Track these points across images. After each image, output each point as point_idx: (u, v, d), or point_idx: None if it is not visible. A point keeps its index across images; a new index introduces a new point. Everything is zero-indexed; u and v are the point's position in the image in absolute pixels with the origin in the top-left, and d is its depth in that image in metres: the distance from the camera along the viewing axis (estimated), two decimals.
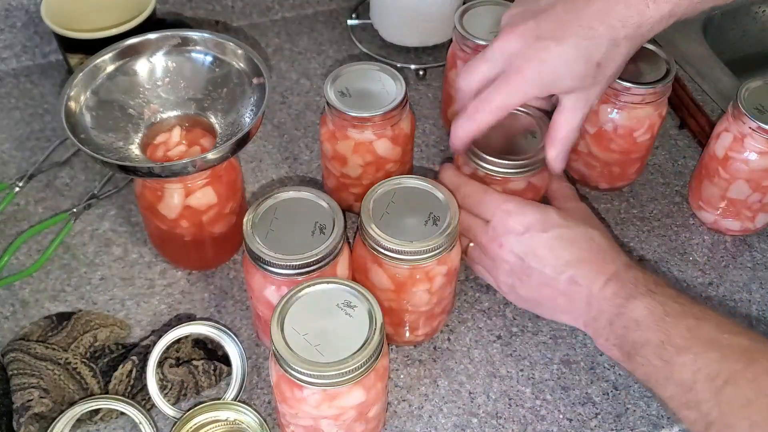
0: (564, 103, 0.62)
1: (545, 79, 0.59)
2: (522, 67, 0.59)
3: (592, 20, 0.57)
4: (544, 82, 0.60)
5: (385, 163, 0.73)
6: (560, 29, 0.58)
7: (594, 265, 0.60)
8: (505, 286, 0.65)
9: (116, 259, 0.75)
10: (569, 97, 0.61)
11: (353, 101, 0.70)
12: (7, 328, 0.69)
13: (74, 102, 0.66)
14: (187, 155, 0.68)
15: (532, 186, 0.68)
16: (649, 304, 0.56)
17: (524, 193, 0.68)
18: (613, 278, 0.59)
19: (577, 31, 0.57)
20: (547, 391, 0.66)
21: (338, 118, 0.70)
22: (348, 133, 0.71)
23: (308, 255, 0.59)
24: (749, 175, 0.72)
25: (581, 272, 0.60)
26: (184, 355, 0.66)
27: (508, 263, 0.63)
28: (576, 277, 0.60)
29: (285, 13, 1.02)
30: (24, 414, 0.60)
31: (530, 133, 0.69)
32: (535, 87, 0.60)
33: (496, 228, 0.63)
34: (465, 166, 0.69)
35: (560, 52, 0.58)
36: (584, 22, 0.57)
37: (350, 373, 0.52)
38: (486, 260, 0.65)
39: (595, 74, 0.59)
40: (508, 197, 0.64)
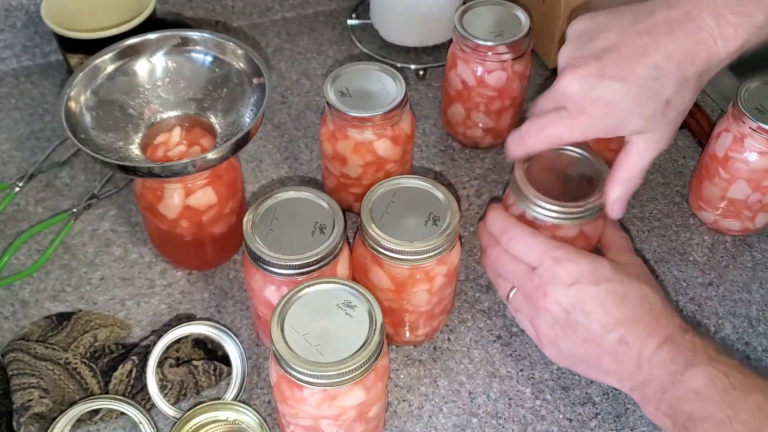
0: (633, 143, 0.59)
1: (611, 120, 0.57)
2: (586, 108, 0.56)
3: (660, 59, 0.55)
4: (609, 124, 0.57)
5: (385, 163, 0.73)
6: (626, 69, 0.55)
7: (647, 326, 0.55)
8: (546, 339, 0.60)
9: (116, 259, 0.75)
10: (639, 137, 0.58)
11: (353, 101, 0.70)
12: (7, 328, 0.69)
13: (74, 102, 0.66)
14: (187, 155, 0.68)
15: (584, 235, 0.64)
16: (711, 374, 0.52)
17: (575, 242, 0.63)
18: (667, 342, 0.54)
19: (645, 71, 0.55)
20: (547, 391, 0.66)
21: (338, 118, 0.70)
22: (348, 133, 0.71)
23: (308, 255, 0.58)
24: (749, 175, 0.72)
25: (632, 332, 0.55)
26: (184, 355, 0.66)
27: (551, 314, 0.58)
28: (626, 337, 0.55)
29: (285, 13, 1.02)
30: (24, 414, 0.60)
31: (587, 179, 0.64)
32: (599, 128, 0.57)
33: (543, 276, 0.58)
34: (513, 206, 0.65)
35: (627, 92, 0.55)
36: (651, 60, 0.54)
37: (350, 373, 0.52)
38: (528, 308, 0.61)
39: (664, 113, 0.56)
40: (557, 243, 0.59)
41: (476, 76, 0.79)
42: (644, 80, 0.55)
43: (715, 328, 0.71)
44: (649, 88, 0.55)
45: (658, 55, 0.55)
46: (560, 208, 0.62)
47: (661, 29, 0.55)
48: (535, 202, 0.62)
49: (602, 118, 0.56)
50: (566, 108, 0.58)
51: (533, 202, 0.62)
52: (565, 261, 0.58)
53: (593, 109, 0.56)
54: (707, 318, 0.72)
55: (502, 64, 0.78)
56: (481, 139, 0.84)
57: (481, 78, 0.79)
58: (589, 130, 0.58)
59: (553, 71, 0.95)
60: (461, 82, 0.80)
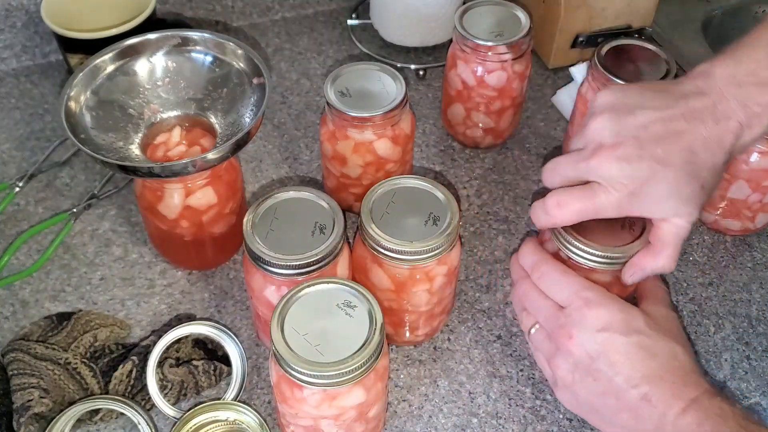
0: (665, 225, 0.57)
1: (646, 200, 0.55)
2: (622, 186, 0.54)
3: (696, 144, 0.54)
4: (643, 204, 0.55)
5: (385, 163, 0.73)
6: (665, 151, 0.54)
7: (673, 387, 0.53)
8: (562, 382, 0.57)
9: (116, 259, 0.75)
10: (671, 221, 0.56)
11: (353, 101, 0.70)
12: (7, 328, 0.69)
13: (74, 102, 0.66)
14: (187, 155, 0.68)
15: (619, 281, 0.60)
16: None
17: (610, 288, 0.59)
18: (693, 405, 0.52)
19: (682, 155, 0.54)
20: (547, 391, 0.66)
21: (338, 118, 0.70)
22: (348, 133, 0.71)
23: (308, 255, 0.58)
24: (749, 175, 0.72)
25: (657, 391, 0.53)
26: (184, 355, 0.66)
27: (573, 357, 0.56)
28: (650, 395, 0.53)
29: (285, 13, 1.02)
30: (24, 414, 0.60)
31: (630, 222, 0.60)
32: (632, 207, 0.55)
33: (571, 316, 0.56)
34: (549, 242, 0.62)
35: (666, 174, 0.54)
36: (687, 145, 0.54)
37: (350, 373, 0.52)
38: (549, 347, 0.58)
39: (700, 196, 0.55)
40: (590, 285, 0.57)
41: (476, 76, 0.79)
42: (682, 163, 0.54)
43: (715, 328, 0.71)
44: (685, 172, 0.54)
45: (694, 140, 0.54)
46: (598, 252, 0.59)
47: (696, 116, 0.55)
48: (571, 243, 0.59)
49: (636, 197, 0.55)
50: (599, 183, 0.55)
51: (569, 242, 0.59)
52: (596, 305, 0.55)
53: (628, 188, 0.55)
54: (707, 318, 0.72)
55: (502, 64, 0.78)
56: (481, 139, 0.84)
57: (481, 78, 0.79)
58: (622, 208, 0.55)
59: (553, 71, 0.95)
60: (461, 82, 0.80)
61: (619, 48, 0.76)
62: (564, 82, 0.92)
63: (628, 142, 0.55)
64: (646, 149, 0.54)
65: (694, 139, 0.54)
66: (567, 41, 0.91)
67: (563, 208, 0.57)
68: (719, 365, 0.68)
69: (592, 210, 0.56)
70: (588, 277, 0.59)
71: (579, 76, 0.85)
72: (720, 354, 0.69)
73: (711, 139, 0.54)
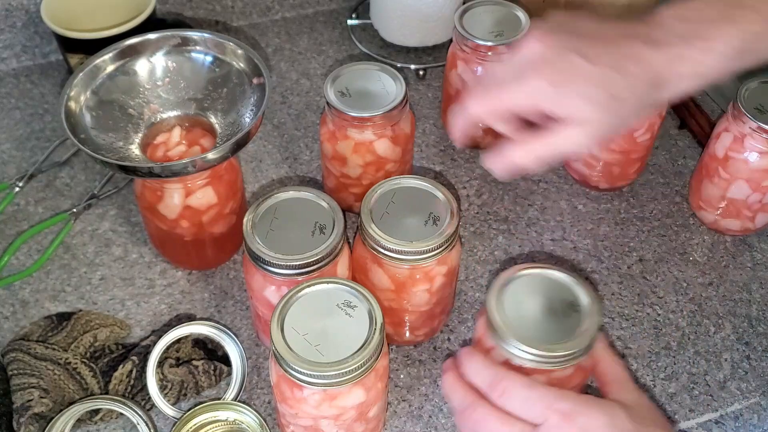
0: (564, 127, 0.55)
1: (564, 92, 0.54)
2: (542, 71, 0.54)
3: (626, 57, 0.54)
4: (560, 95, 0.54)
5: (385, 163, 0.73)
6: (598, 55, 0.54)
7: None
8: None
9: (116, 259, 0.75)
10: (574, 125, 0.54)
11: (353, 101, 0.70)
12: (7, 328, 0.69)
13: (74, 102, 0.66)
14: (187, 155, 0.68)
15: (580, 369, 0.56)
16: None
17: (571, 380, 0.55)
18: None
19: (609, 61, 0.53)
20: None
21: (338, 118, 0.70)
22: (348, 133, 0.71)
23: (308, 255, 0.58)
24: (749, 175, 0.72)
25: None
26: (184, 355, 0.66)
27: None
28: None
29: (285, 13, 1.02)
30: (24, 414, 0.60)
31: (572, 305, 0.56)
32: (547, 95, 0.54)
33: None
34: (495, 351, 0.55)
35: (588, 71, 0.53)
36: (619, 54, 0.54)
37: (350, 373, 0.52)
38: None
39: (608, 107, 0.54)
40: (562, 394, 0.51)
41: (476, 76, 0.79)
42: (605, 70, 0.53)
43: (715, 328, 0.71)
44: (606, 78, 0.53)
45: (628, 55, 0.54)
46: (558, 353, 0.53)
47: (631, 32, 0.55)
48: (523, 349, 0.53)
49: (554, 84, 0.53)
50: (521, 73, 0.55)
51: (521, 349, 0.53)
52: (576, 414, 0.50)
53: (548, 73, 0.54)
54: (707, 318, 0.72)
55: None
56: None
57: (481, 78, 0.79)
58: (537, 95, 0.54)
59: None
60: (461, 82, 0.80)
61: None
62: None
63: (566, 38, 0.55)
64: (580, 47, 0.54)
65: (628, 55, 0.54)
66: None
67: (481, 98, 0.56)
68: (719, 365, 0.68)
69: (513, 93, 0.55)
70: (549, 377, 0.54)
71: None
72: (720, 354, 0.69)
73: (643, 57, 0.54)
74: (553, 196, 0.81)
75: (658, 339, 0.70)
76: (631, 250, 0.77)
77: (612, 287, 0.74)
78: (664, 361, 0.69)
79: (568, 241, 0.77)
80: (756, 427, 0.66)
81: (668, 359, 0.69)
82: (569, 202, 0.81)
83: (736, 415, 0.66)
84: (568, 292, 0.56)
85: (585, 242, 0.77)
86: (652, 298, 0.73)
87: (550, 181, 0.83)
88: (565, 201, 0.81)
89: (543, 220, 0.79)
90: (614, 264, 0.76)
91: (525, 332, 0.53)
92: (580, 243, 0.77)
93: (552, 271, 0.57)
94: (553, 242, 0.77)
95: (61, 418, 0.60)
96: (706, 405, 0.66)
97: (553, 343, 0.53)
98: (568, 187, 0.82)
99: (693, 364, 0.69)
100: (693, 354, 0.69)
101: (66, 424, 0.61)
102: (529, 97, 0.54)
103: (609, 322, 0.71)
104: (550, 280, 0.57)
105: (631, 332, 0.70)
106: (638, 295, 0.73)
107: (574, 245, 0.77)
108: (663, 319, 0.72)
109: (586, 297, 0.56)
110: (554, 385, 0.53)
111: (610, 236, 0.78)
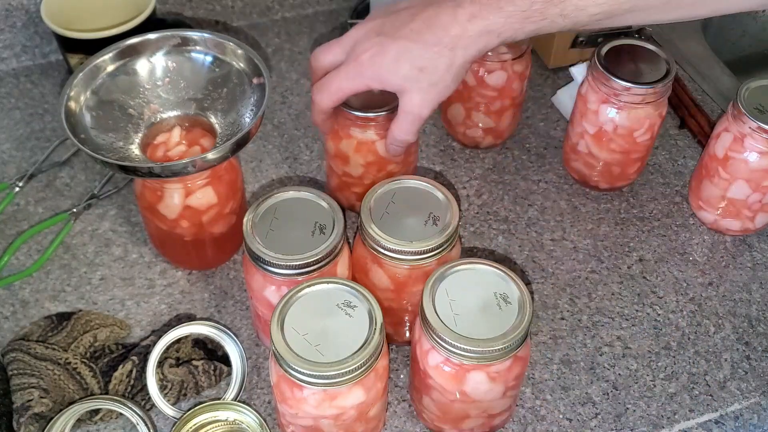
0: (399, 103, 0.63)
1: (377, 72, 0.61)
2: (360, 58, 0.62)
3: (422, 26, 0.60)
4: (375, 75, 0.62)
5: (387, 163, 0.73)
6: (397, 30, 0.61)
7: None
8: None
9: (116, 259, 0.75)
10: (401, 98, 0.63)
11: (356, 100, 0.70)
12: (7, 328, 0.69)
13: (74, 102, 0.66)
14: (187, 155, 0.68)
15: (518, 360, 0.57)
16: None
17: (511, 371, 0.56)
18: None
19: (408, 34, 0.60)
20: (547, 391, 0.66)
21: (342, 116, 0.70)
22: (351, 132, 0.71)
23: (308, 255, 0.58)
24: (749, 175, 0.72)
25: None
26: (184, 355, 0.66)
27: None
28: None
29: (285, 13, 1.02)
30: (24, 414, 0.60)
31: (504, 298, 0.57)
32: (368, 78, 0.62)
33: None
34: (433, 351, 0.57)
35: (391, 49, 0.61)
36: (416, 26, 0.60)
37: (350, 373, 0.52)
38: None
39: (417, 77, 0.61)
40: None
41: (476, 76, 0.79)
42: (406, 43, 0.60)
43: (715, 328, 0.71)
44: (407, 51, 0.60)
45: (422, 23, 0.60)
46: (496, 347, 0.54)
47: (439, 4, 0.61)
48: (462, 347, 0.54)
49: (370, 68, 0.62)
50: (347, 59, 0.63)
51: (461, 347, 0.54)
52: None
53: (365, 60, 0.62)
54: (707, 318, 0.72)
55: (502, 64, 0.78)
56: (481, 139, 0.84)
57: (481, 78, 0.79)
58: (362, 80, 0.62)
59: (553, 71, 0.95)
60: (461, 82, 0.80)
61: (619, 48, 0.76)
62: (564, 82, 0.92)
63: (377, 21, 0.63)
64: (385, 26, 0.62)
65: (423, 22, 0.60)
66: (567, 41, 0.91)
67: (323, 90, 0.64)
68: (719, 365, 0.68)
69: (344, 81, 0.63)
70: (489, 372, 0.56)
71: (579, 76, 0.85)
72: (720, 354, 0.69)
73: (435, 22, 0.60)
74: (553, 196, 0.81)
75: (658, 339, 0.70)
76: (631, 250, 0.77)
77: (612, 287, 0.74)
78: (664, 361, 0.69)
79: (568, 241, 0.77)
80: (756, 427, 0.66)
81: (668, 359, 0.69)
82: (569, 202, 0.81)
83: (736, 415, 0.66)
84: (500, 285, 0.57)
85: (585, 242, 0.77)
86: (652, 298, 0.73)
87: (550, 181, 0.83)
88: (565, 201, 0.81)
89: (543, 220, 0.79)
90: (614, 264, 0.76)
91: (461, 330, 0.54)
92: (580, 243, 0.77)
93: (481, 265, 0.58)
94: (553, 242, 0.77)
95: (61, 418, 0.60)
96: (706, 405, 0.66)
97: (490, 338, 0.54)
98: (568, 187, 0.82)
99: (693, 364, 0.69)
100: (693, 354, 0.69)
101: (66, 424, 0.61)
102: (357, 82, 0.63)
103: (609, 322, 0.71)
104: (479, 274, 0.58)
105: (631, 332, 0.70)
106: (638, 295, 0.73)
107: (574, 245, 0.77)
108: (663, 319, 0.72)
109: (517, 289, 0.57)
110: (494, 378, 0.56)
111: (610, 236, 0.78)
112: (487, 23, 0.59)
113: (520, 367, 0.57)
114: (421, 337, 0.57)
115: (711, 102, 0.90)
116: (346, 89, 0.64)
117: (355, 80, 0.63)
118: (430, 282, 0.57)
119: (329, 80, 0.64)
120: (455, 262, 0.58)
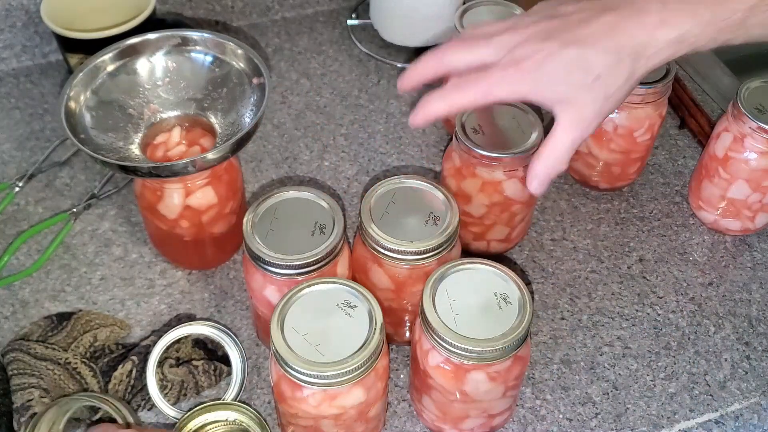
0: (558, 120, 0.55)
1: (540, 80, 0.54)
2: (522, 64, 0.54)
3: (601, 32, 0.54)
4: (538, 82, 0.54)
5: (512, 204, 0.70)
6: (569, 35, 0.54)
7: None
8: None
9: (116, 259, 0.75)
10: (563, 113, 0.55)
11: (485, 138, 0.68)
12: (7, 328, 0.69)
13: (74, 102, 0.66)
14: (187, 155, 0.68)
15: (518, 359, 0.57)
16: None
17: (511, 371, 0.57)
18: None
19: (583, 38, 0.53)
20: (547, 391, 0.66)
21: (467, 155, 0.67)
22: (477, 172, 0.68)
23: (308, 255, 0.59)
24: (749, 175, 0.72)
25: None
26: (184, 355, 0.66)
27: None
28: None
29: (285, 13, 1.02)
30: (24, 414, 0.60)
31: (504, 298, 0.57)
32: (528, 84, 0.54)
33: None
34: (432, 351, 0.57)
35: (561, 55, 0.53)
36: (591, 31, 0.54)
37: (350, 373, 0.52)
38: None
39: (591, 87, 0.54)
40: None
41: None
42: (581, 49, 0.53)
43: (715, 328, 0.71)
44: (583, 58, 0.53)
45: (601, 29, 0.53)
46: (497, 347, 0.54)
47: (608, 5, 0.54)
48: (463, 347, 0.54)
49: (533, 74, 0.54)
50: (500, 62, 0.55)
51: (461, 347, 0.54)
52: None
53: (527, 64, 0.54)
54: (707, 318, 0.72)
55: None
56: None
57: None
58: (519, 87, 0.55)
59: None
60: None
61: None
62: None
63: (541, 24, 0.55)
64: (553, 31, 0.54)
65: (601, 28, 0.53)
66: None
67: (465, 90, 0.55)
68: (719, 365, 0.69)
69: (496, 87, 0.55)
70: (489, 372, 0.56)
71: None
72: (720, 354, 0.69)
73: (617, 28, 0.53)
74: (553, 196, 0.81)
75: (658, 339, 0.70)
76: (631, 250, 0.77)
77: (612, 287, 0.74)
78: (664, 361, 0.69)
79: (568, 241, 0.77)
80: (756, 427, 0.66)
81: (668, 359, 0.69)
82: (569, 202, 0.81)
83: (736, 415, 0.66)
84: (500, 285, 0.57)
85: (585, 242, 0.77)
86: (652, 298, 0.73)
87: None
88: (565, 201, 0.81)
89: (543, 220, 0.79)
90: (614, 264, 0.76)
91: (461, 329, 0.54)
92: (580, 243, 0.77)
93: (481, 265, 0.58)
94: (553, 242, 0.77)
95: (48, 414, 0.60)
96: (706, 405, 0.66)
97: (490, 338, 0.54)
98: (568, 187, 0.82)
99: (693, 364, 0.69)
100: (693, 354, 0.69)
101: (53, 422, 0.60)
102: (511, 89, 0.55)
103: (609, 322, 0.71)
104: (479, 274, 0.58)
105: (631, 332, 0.70)
106: (638, 295, 0.73)
107: (574, 245, 0.77)
108: (663, 319, 0.72)
109: (517, 289, 0.57)
110: (494, 378, 0.55)
111: (610, 236, 0.78)
112: (680, 32, 0.52)
113: (520, 367, 0.57)
114: (421, 337, 0.57)
115: (711, 102, 0.90)
116: (497, 95, 0.55)
117: (511, 86, 0.54)
118: (430, 282, 0.57)
119: (475, 81, 0.55)
120: (455, 262, 0.58)
